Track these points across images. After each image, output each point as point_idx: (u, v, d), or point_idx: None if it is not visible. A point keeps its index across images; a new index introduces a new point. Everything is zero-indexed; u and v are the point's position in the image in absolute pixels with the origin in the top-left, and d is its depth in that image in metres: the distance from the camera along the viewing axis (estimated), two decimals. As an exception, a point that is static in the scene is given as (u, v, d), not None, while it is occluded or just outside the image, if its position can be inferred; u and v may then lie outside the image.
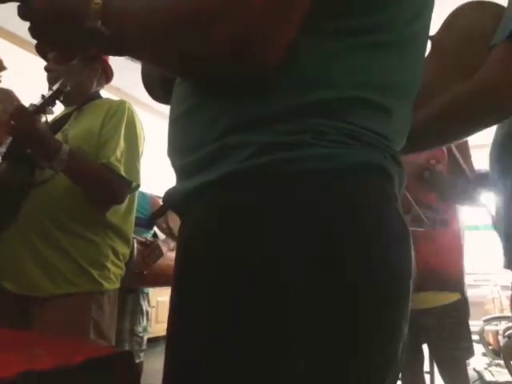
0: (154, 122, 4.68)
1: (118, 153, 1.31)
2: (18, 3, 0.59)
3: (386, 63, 0.52)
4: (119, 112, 1.38)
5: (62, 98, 1.26)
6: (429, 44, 0.94)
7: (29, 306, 1.27)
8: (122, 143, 1.33)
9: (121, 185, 1.32)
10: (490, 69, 0.76)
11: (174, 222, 2.03)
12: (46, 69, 1.46)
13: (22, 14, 0.59)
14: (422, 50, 0.60)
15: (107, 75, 1.58)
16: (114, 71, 1.58)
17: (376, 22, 0.51)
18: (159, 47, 0.52)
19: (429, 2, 0.58)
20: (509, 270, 1.05)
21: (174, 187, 0.60)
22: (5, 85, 1.51)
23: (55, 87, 1.25)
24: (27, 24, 0.61)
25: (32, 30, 0.59)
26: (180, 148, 0.58)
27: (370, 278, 0.46)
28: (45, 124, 1.27)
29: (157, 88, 0.83)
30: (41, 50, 1.51)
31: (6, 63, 1.46)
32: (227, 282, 0.46)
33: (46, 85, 1.41)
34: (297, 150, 0.47)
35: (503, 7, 0.88)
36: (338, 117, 0.49)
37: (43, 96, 1.26)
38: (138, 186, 1.39)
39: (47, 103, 1.25)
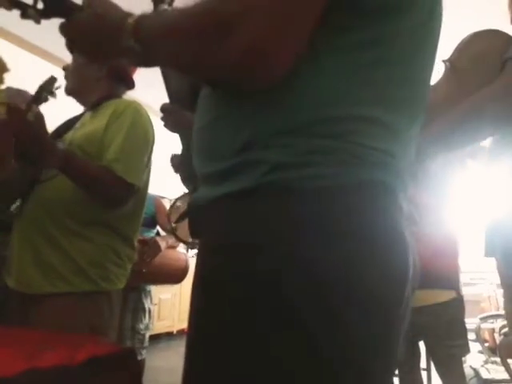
0: (155, 123, 4.65)
1: (119, 155, 1.29)
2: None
3: (391, 79, 0.55)
4: (125, 113, 1.34)
5: (46, 95, 1.27)
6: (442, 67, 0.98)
7: (26, 303, 1.25)
8: (123, 145, 1.30)
9: (121, 187, 1.28)
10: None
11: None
12: (64, 68, 1.48)
13: (65, 32, 0.67)
14: (429, 66, 0.61)
15: (123, 77, 1.51)
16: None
17: (378, 35, 0.53)
18: (181, 59, 0.58)
19: (434, 14, 0.59)
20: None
21: (199, 192, 0.64)
22: (5, 85, 1.52)
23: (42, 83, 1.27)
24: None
25: (71, 45, 0.68)
26: (203, 157, 0.62)
27: (364, 285, 0.49)
28: (37, 121, 1.23)
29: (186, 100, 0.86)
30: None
31: (7, 64, 1.46)
32: (249, 299, 0.49)
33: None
34: (305, 169, 0.51)
35: None
36: (344, 137, 0.52)
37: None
38: (139, 188, 1.34)
39: (34, 100, 1.26)
